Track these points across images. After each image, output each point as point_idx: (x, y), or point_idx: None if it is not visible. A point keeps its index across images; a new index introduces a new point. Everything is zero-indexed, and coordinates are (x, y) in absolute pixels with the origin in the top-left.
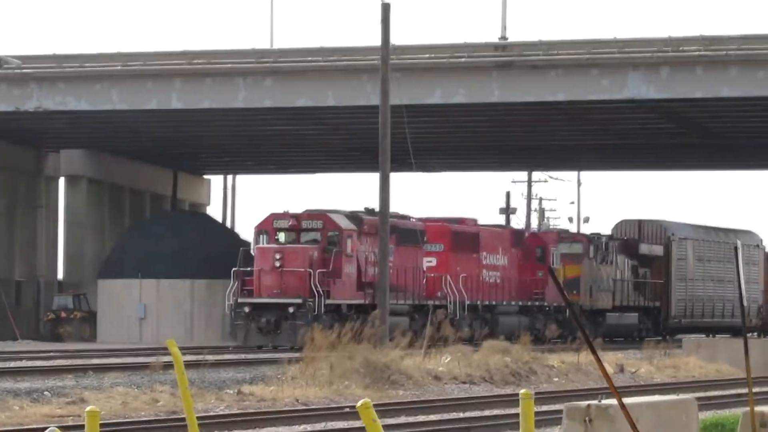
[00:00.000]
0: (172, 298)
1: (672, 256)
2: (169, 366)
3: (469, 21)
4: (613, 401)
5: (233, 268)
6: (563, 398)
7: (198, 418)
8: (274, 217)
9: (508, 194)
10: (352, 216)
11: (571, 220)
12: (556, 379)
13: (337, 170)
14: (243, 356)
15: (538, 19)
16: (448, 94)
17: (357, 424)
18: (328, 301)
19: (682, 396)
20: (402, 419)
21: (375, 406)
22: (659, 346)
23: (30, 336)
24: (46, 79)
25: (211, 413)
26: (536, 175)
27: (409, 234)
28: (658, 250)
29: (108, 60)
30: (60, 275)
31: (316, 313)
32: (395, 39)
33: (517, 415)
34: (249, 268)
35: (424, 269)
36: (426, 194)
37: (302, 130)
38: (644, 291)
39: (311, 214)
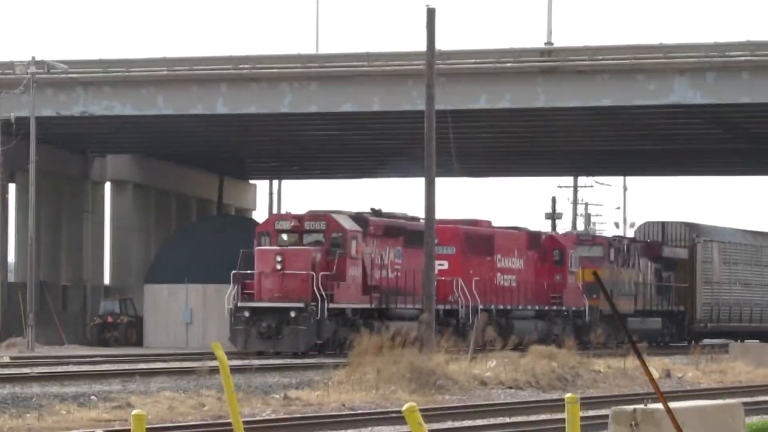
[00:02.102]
0: (219, 302)
1: (697, 259)
2: (215, 371)
3: (515, 26)
4: (660, 406)
5: (232, 271)
6: (609, 403)
7: (244, 422)
8: (276, 218)
9: (553, 199)
10: (357, 217)
11: (617, 225)
12: (602, 384)
13: (382, 175)
14: (289, 361)
15: (584, 24)
16: (493, 99)
17: (403, 428)
18: (332, 305)
19: (728, 401)
20: (448, 424)
21: (421, 410)
22: (705, 351)
23: (76, 341)
24: (92, 84)
25: (258, 418)
26: (582, 180)
27: (417, 236)
28: (682, 252)
29: (154, 65)
30: (106, 280)
31: (318, 317)
32: (440, 44)
33: (563, 419)
34: (249, 271)
35: (435, 272)
36: (470, 199)
37: (347, 135)
38: (668, 295)
39: (314, 215)
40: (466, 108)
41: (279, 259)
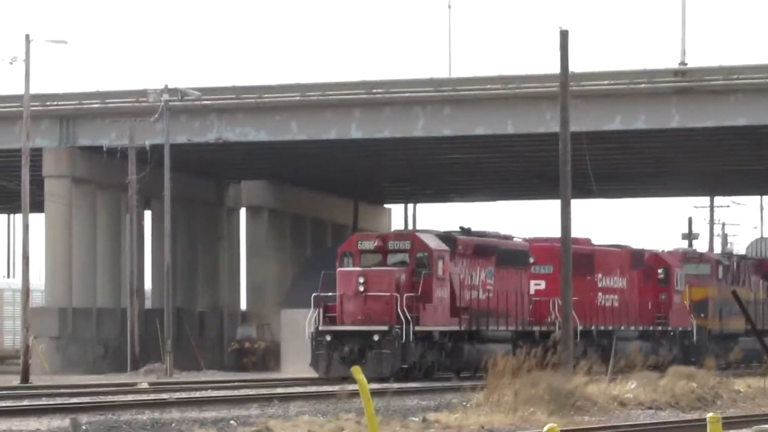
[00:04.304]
0: None
1: None
2: (354, 394)
3: (648, 47)
4: None
5: (313, 294)
6: (750, 422)
7: None
8: (359, 237)
9: (690, 220)
10: (445, 236)
11: None
12: (742, 404)
13: (516, 197)
14: (428, 384)
15: (718, 43)
16: (627, 120)
17: None
18: (417, 328)
19: None
20: None
21: (561, 431)
22: None
23: (214, 366)
24: (225, 111)
25: None
26: (718, 200)
27: (510, 255)
28: None
29: (287, 91)
30: (243, 305)
31: (403, 341)
32: (574, 66)
33: None
34: (331, 293)
35: (532, 292)
36: (604, 221)
37: (481, 158)
38: None
39: (399, 235)
40: (601, 129)
41: (361, 280)
